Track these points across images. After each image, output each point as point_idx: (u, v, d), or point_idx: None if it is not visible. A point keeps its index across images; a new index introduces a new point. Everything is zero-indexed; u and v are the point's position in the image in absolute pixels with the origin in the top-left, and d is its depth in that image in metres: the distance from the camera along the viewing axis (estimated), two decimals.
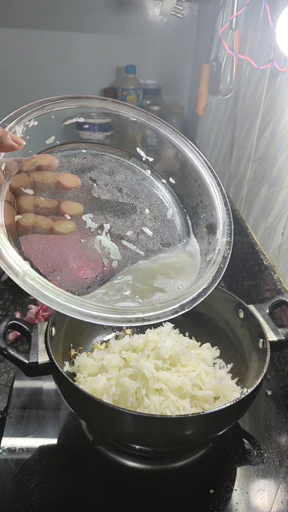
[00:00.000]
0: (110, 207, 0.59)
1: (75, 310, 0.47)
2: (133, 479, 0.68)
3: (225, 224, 0.58)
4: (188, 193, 0.63)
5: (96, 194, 0.59)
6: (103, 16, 1.69)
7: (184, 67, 1.83)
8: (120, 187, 0.61)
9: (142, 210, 0.61)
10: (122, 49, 1.77)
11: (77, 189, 0.56)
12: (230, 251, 0.57)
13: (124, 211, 0.60)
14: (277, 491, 0.66)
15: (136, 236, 0.59)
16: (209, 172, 0.61)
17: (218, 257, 0.56)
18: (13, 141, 0.50)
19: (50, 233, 0.54)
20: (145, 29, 1.75)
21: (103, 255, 0.57)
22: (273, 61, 0.90)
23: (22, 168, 0.53)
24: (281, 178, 0.91)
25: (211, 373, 0.73)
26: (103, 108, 0.61)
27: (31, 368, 0.65)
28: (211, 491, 0.66)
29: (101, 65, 1.80)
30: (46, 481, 0.66)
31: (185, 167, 0.62)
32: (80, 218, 0.56)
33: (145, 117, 0.62)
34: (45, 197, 0.54)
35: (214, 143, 1.45)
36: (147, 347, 0.75)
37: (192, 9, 1.73)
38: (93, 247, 0.57)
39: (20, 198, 0.53)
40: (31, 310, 1.00)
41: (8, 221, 0.50)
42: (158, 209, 0.62)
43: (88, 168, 0.60)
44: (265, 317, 0.75)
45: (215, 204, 0.59)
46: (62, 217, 0.55)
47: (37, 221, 0.53)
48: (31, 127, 0.54)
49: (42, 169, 0.54)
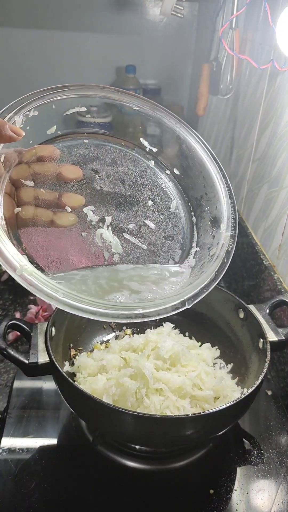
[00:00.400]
0: (112, 199, 0.58)
1: (74, 306, 0.46)
2: (133, 479, 0.68)
3: (229, 218, 0.57)
4: (192, 185, 0.61)
5: (98, 186, 0.58)
6: (103, 16, 1.69)
7: (184, 67, 1.83)
8: (122, 178, 0.59)
9: (145, 202, 0.59)
10: (122, 49, 1.77)
11: (78, 180, 0.55)
12: (234, 245, 0.55)
13: (127, 203, 0.58)
14: (277, 491, 0.66)
15: (139, 229, 0.58)
16: (214, 163, 0.60)
17: (221, 251, 0.54)
18: (12, 132, 0.49)
19: (51, 226, 0.53)
20: (145, 29, 1.75)
21: (104, 249, 0.55)
22: (273, 61, 0.90)
23: (23, 159, 0.52)
24: (281, 178, 0.91)
25: (211, 373, 0.73)
26: (106, 97, 0.60)
27: (31, 368, 0.65)
28: (211, 491, 0.66)
29: (101, 65, 1.79)
30: (46, 481, 0.66)
31: (189, 158, 0.61)
32: (81, 210, 0.55)
33: (149, 106, 0.61)
34: (45, 189, 0.53)
35: (214, 143, 1.45)
36: (147, 347, 0.75)
37: (192, 9, 1.73)
38: (94, 241, 0.55)
39: (20, 190, 0.52)
40: (31, 310, 1.00)
41: (8, 213, 0.49)
42: (161, 201, 0.60)
43: (90, 159, 0.58)
44: (265, 317, 0.75)
45: (219, 196, 0.58)
46: (62, 209, 0.54)
47: (37, 213, 0.52)
48: (31, 117, 0.53)
49: (43, 160, 0.53)
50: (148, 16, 1.74)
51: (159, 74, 1.84)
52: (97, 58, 1.77)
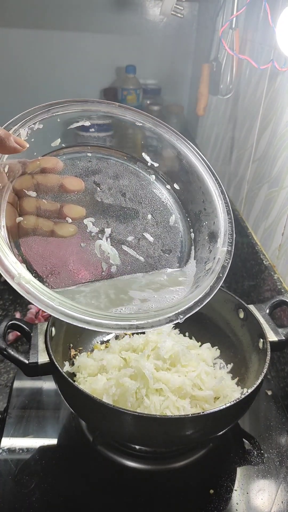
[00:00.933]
0: (112, 211, 0.59)
1: (69, 315, 0.47)
2: (133, 479, 0.68)
3: (226, 233, 0.58)
4: (192, 200, 0.63)
5: (99, 198, 0.59)
6: (103, 16, 1.69)
7: (184, 67, 1.83)
8: (123, 191, 0.60)
9: (145, 215, 0.60)
10: (122, 49, 1.77)
11: (80, 192, 0.56)
12: (230, 260, 0.56)
13: (126, 216, 0.59)
14: (277, 491, 0.66)
15: (137, 242, 0.59)
16: (213, 179, 0.61)
17: (217, 266, 0.55)
18: (16, 143, 0.49)
19: (51, 235, 0.54)
20: (145, 29, 1.75)
21: (102, 260, 0.56)
22: (273, 61, 0.90)
23: (26, 170, 0.53)
24: (281, 178, 0.91)
25: (211, 373, 0.73)
26: (109, 112, 0.61)
27: (31, 368, 0.65)
28: (211, 491, 0.66)
29: (101, 65, 1.80)
30: (46, 481, 0.66)
31: (190, 173, 0.62)
32: (81, 221, 0.56)
33: (151, 122, 0.62)
34: (47, 200, 0.54)
35: (214, 143, 1.45)
36: (147, 347, 0.75)
37: (192, 9, 1.73)
38: (93, 251, 0.56)
39: (23, 200, 0.53)
40: (31, 310, 1.00)
41: (9, 222, 0.50)
42: (161, 214, 0.61)
43: (93, 172, 0.60)
44: (265, 317, 0.75)
45: (217, 212, 0.59)
46: (63, 220, 0.54)
47: (38, 223, 0.53)
48: (36, 130, 0.55)
49: (47, 172, 0.54)
50: (148, 16, 1.74)
51: (159, 74, 1.85)
52: (97, 58, 1.77)
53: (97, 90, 1.83)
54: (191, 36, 1.77)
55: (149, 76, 1.83)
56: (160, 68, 1.83)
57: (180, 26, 1.75)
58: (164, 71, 1.84)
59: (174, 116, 1.82)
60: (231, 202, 1.21)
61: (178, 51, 1.80)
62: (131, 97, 1.73)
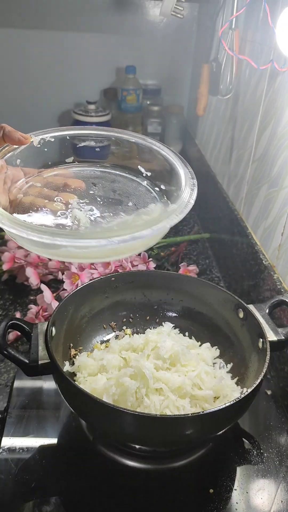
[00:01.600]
0: (100, 200, 0.65)
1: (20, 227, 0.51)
2: (133, 479, 0.68)
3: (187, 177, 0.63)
4: (171, 192, 0.68)
5: (92, 191, 0.67)
6: (103, 16, 1.69)
7: (184, 67, 1.83)
8: (115, 189, 0.69)
9: (127, 204, 0.66)
10: (122, 49, 1.77)
11: (80, 190, 0.65)
12: (195, 187, 0.61)
13: (110, 204, 0.66)
14: (277, 491, 0.67)
15: (112, 217, 0.64)
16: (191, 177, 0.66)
17: (185, 191, 0.60)
18: (21, 136, 0.60)
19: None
20: (145, 29, 1.75)
21: (73, 223, 0.61)
22: (273, 61, 0.90)
23: (42, 173, 0.67)
24: (281, 178, 0.91)
25: (211, 373, 0.74)
26: (111, 135, 0.72)
27: (31, 368, 0.65)
28: (211, 490, 0.66)
29: (101, 65, 1.79)
30: (46, 481, 0.66)
31: (174, 177, 0.68)
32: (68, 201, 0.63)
33: (145, 140, 0.71)
34: (48, 189, 0.64)
35: (214, 143, 1.45)
36: (147, 347, 0.75)
37: (192, 9, 1.73)
38: (67, 216, 0.61)
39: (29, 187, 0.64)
40: (31, 310, 1.00)
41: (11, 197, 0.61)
42: (142, 203, 0.67)
43: (94, 177, 0.71)
44: (265, 317, 0.75)
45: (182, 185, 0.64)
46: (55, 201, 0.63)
47: (34, 200, 0.62)
48: (47, 141, 0.67)
49: (69, 188, 0.65)
50: (148, 17, 1.74)
51: (159, 74, 1.84)
52: (97, 58, 1.77)
53: (97, 91, 1.83)
54: (191, 36, 1.77)
55: (149, 76, 1.83)
56: (160, 68, 1.83)
57: (180, 27, 1.75)
58: (164, 71, 1.84)
59: (174, 116, 1.82)
60: (231, 202, 1.21)
61: (178, 51, 1.80)
62: (131, 98, 1.73)
